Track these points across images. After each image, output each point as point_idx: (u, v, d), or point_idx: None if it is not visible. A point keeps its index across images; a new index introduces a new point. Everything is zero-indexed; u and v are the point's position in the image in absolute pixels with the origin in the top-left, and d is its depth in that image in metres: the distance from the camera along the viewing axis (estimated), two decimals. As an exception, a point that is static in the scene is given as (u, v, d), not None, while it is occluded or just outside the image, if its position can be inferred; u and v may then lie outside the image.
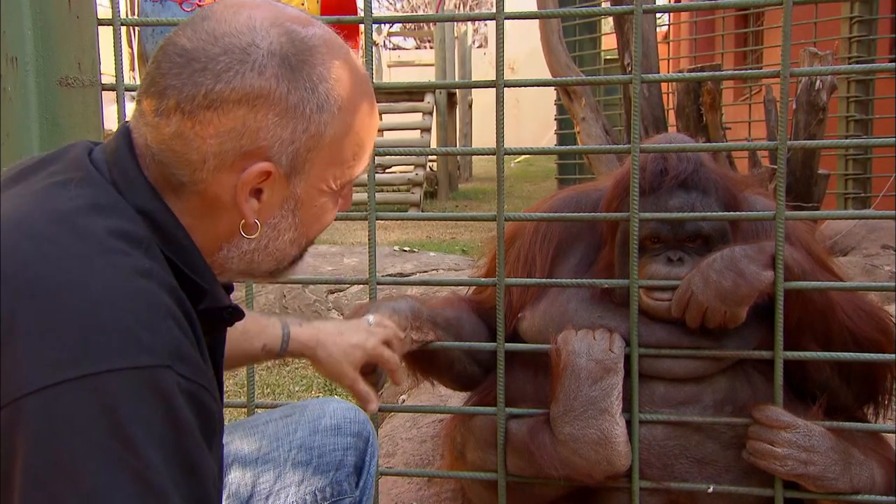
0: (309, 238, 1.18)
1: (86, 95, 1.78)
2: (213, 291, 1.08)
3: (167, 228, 1.04)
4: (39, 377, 0.85)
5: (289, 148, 1.05)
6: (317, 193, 1.12)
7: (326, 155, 1.08)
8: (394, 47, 22.98)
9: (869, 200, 6.09)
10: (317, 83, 1.05)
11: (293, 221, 1.12)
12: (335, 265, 4.98)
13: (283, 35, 1.04)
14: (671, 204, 1.78)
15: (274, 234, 1.12)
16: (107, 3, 1.88)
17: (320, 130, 1.06)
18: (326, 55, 1.07)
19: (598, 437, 1.69)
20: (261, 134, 1.02)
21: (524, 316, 1.92)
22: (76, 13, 1.75)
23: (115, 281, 0.92)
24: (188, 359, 0.94)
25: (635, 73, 1.78)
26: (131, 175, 1.05)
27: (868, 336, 1.78)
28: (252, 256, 1.12)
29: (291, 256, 1.17)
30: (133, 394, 0.87)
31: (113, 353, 0.87)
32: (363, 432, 1.59)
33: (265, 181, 1.06)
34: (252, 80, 1.01)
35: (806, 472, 1.68)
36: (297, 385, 3.82)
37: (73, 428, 0.84)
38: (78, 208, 0.98)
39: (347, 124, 1.09)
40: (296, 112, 1.04)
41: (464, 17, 1.99)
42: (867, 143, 1.98)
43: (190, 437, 0.92)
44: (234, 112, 1.01)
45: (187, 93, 1.01)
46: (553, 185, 9.10)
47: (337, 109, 1.07)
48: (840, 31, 6.17)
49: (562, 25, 5.10)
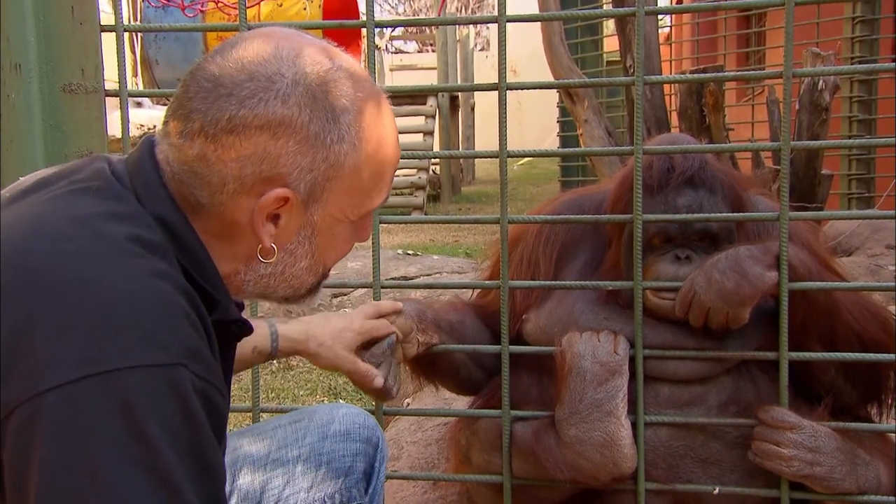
0: (326, 266, 1.19)
1: (89, 101, 1.78)
2: (225, 304, 1.10)
3: (184, 239, 1.05)
4: (59, 373, 0.86)
5: (307, 176, 1.06)
6: (334, 222, 1.13)
7: (345, 185, 1.10)
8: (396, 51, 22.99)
9: (872, 200, 6.08)
10: (339, 114, 1.06)
11: (309, 248, 1.13)
12: (339, 269, 4.98)
13: (309, 66, 1.06)
14: (679, 202, 1.78)
15: (290, 261, 1.13)
16: (110, 10, 1.89)
17: (340, 160, 1.07)
18: (351, 87, 1.08)
19: (604, 439, 1.69)
20: (281, 161, 1.04)
21: (528, 318, 1.92)
22: (79, 20, 1.75)
23: (132, 280, 0.94)
24: (202, 358, 0.96)
25: (638, 75, 1.78)
26: (153, 186, 1.07)
27: (873, 336, 1.78)
28: (268, 281, 1.14)
29: (308, 284, 1.19)
30: (150, 391, 0.88)
31: (131, 350, 0.89)
32: (372, 438, 1.60)
33: (283, 207, 1.07)
34: (275, 107, 1.03)
35: (812, 472, 1.68)
36: (302, 389, 3.82)
37: (92, 423, 0.85)
38: (97, 214, 1.00)
39: (368, 156, 1.10)
40: (316, 141, 1.05)
41: (466, 20, 2.00)
42: (870, 144, 1.98)
43: (204, 434, 0.93)
44: (255, 138, 1.03)
45: (212, 117, 1.03)
46: (556, 187, 9.10)
47: (358, 141, 1.08)
48: (842, 32, 6.17)
49: (564, 27, 5.10)
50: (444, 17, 2.79)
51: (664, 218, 1.78)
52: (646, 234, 1.77)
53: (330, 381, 3.89)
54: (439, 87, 2.02)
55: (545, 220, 1.93)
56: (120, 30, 1.83)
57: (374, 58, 1.89)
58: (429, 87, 2.02)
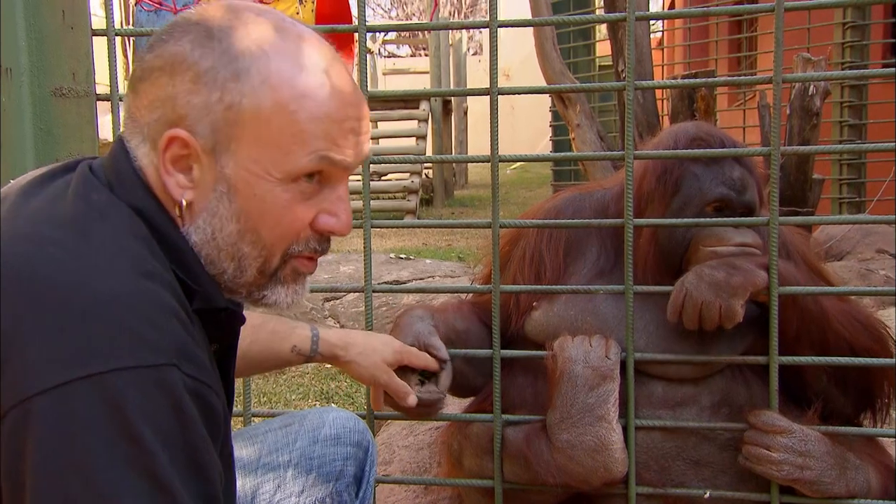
0: (264, 240, 1.07)
1: (80, 106, 1.78)
2: (207, 292, 1.06)
3: (159, 227, 1.03)
4: (48, 377, 0.85)
5: (205, 118, 1.01)
6: (253, 179, 1.03)
7: (253, 133, 1.02)
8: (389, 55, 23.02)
9: (864, 205, 6.11)
10: (236, 53, 1.01)
11: (231, 208, 1.04)
12: (331, 273, 4.98)
13: (227, 14, 1.04)
14: (734, 175, 1.81)
15: (216, 223, 1.05)
16: (101, 14, 1.88)
17: (237, 102, 1.01)
18: (263, 33, 1.03)
19: (596, 444, 1.69)
20: (178, 101, 1.01)
21: (539, 305, 1.91)
22: (70, 24, 1.75)
23: (119, 281, 0.92)
24: (193, 358, 0.94)
25: (629, 80, 1.79)
26: (124, 174, 1.05)
27: (863, 345, 1.79)
28: (209, 253, 1.06)
29: (252, 260, 1.07)
30: (140, 392, 0.87)
31: (120, 351, 0.87)
32: (363, 442, 1.60)
33: (189, 154, 1.03)
34: (172, 46, 1.02)
35: (802, 476, 1.69)
36: (294, 393, 3.81)
37: (82, 426, 0.85)
38: (79, 213, 0.99)
39: (277, 103, 1.02)
40: (207, 78, 1.00)
41: (458, 24, 2.00)
42: (860, 148, 1.99)
43: (197, 434, 0.92)
44: (158, 80, 1.02)
45: (134, 71, 1.04)
46: (549, 191, 9.11)
47: (260, 83, 1.01)
48: (833, 37, 6.20)
49: (556, 32, 5.12)
50: (436, 23, 2.79)
51: (654, 222, 1.79)
52: (701, 203, 1.80)
53: (322, 385, 3.89)
54: (431, 91, 2.02)
55: (536, 224, 1.93)
56: (111, 34, 1.83)
57: (366, 62, 1.89)
58: (421, 92, 2.02)
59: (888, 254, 4.39)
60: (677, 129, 1.91)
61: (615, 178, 2.05)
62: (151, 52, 1.03)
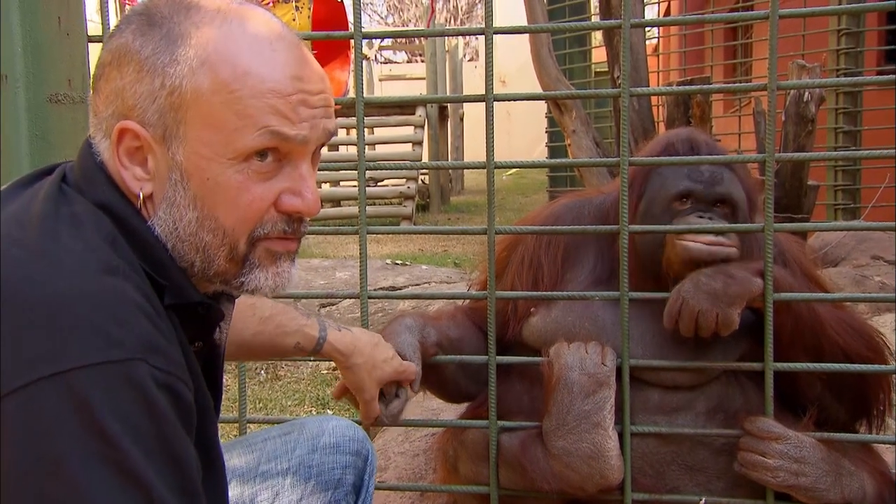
0: (223, 225, 1.04)
1: (76, 112, 1.78)
2: (178, 286, 1.04)
3: (126, 223, 1.02)
4: (13, 378, 0.85)
5: (151, 106, 1.01)
6: (204, 162, 1.02)
7: (197, 115, 1.01)
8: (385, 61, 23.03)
9: (859, 211, 6.13)
10: (176, 37, 1.01)
11: (187, 196, 1.03)
12: (327, 279, 4.98)
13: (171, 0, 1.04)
14: (704, 169, 1.80)
15: (175, 213, 1.04)
16: (97, 20, 1.89)
17: (178, 85, 1.00)
18: (202, 13, 1.03)
19: (592, 450, 1.69)
20: (126, 93, 1.02)
21: (534, 315, 1.92)
22: (66, 30, 1.75)
23: (81, 278, 0.92)
24: (162, 351, 0.93)
25: (624, 87, 1.79)
26: (89, 172, 1.05)
27: (858, 352, 1.79)
28: (174, 245, 1.05)
29: (216, 249, 1.05)
30: (107, 388, 0.87)
31: (84, 349, 0.87)
32: (362, 451, 1.59)
33: (141, 146, 1.03)
34: (117, 38, 1.03)
35: (797, 483, 1.69)
36: (290, 399, 3.81)
37: (51, 426, 0.84)
38: (43, 212, 0.98)
39: (219, 82, 1.00)
40: (148, 64, 1.00)
41: (454, 31, 2.01)
42: (855, 155, 1.99)
43: (170, 426, 0.91)
44: (109, 74, 1.03)
45: (95, 69, 1.04)
46: (545, 197, 9.12)
47: (199, 64, 1.00)
48: (828, 44, 6.22)
49: (552, 39, 5.12)
50: (431, 30, 2.79)
51: (650, 229, 1.80)
52: (667, 200, 1.80)
53: (318, 391, 3.88)
54: (427, 98, 2.02)
55: (532, 230, 1.93)
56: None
57: (362, 68, 1.89)
58: (417, 98, 2.03)
59: (883, 260, 4.40)
60: (666, 137, 1.92)
61: (614, 184, 2.06)
62: (104, 48, 1.04)
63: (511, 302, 1.92)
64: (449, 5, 25.61)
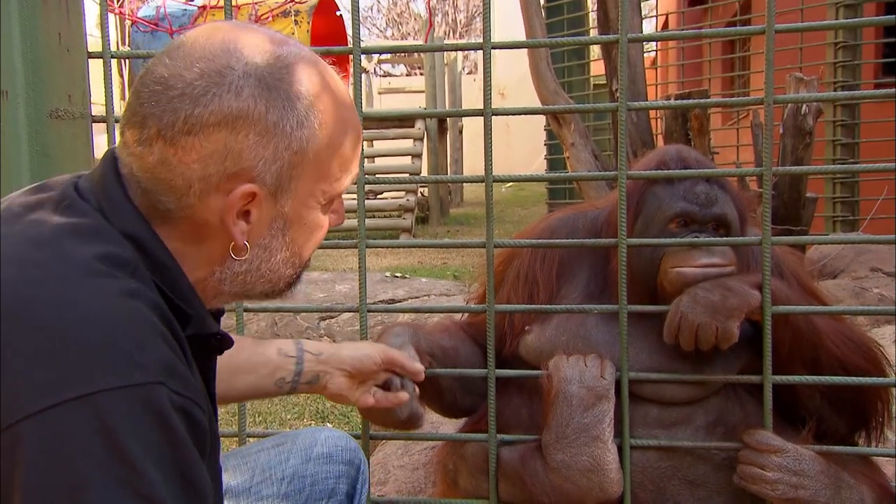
0: (302, 257, 1.17)
1: (76, 127, 1.79)
2: (200, 317, 1.07)
3: (153, 253, 1.04)
4: (35, 400, 0.85)
5: (272, 167, 1.05)
6: (305, 210, 1.12)
7: (311, 171, 1.09)
8: (384, 74, 23.10)
9: (857, 223, 6.14)
10: (295, 100, 1.05)
11: (283, 241, 1.12)
12: (327, 292, 4.98)
13: (259, 55, 1.05)
14: (698, 189, 1.81)
15: (266, 255, 1.12)
16: (97, 35, 1.90)
17: (302, 147, 1.06)
18: (303, 72, 1.07)
19: (591, 464, 1.69)
20: (244, 155, 1.03)
21: (529, 332, 1.92)
22: (66, 46, 1.76)
23: (102, 301, 0.92)
24: (179, 375, 0.94)
25: (622, 101, 1.80)
26: (117, 200, 1.05)
27: (856, 364, 1.79)
28: (245, 278, 1.12)
29: (286, 277, 1.17)
30: (129, 411, 0.87)
31: (106, 372, 0.87)
32: (354, 460, 1.60)
33: (252, 202, 1.06)
34: (230, 101, 1.02)
35: (796, 496, 1.68)
36: (289, 413, 3.80)
37: (72, 449, 0.84)
38: (63, 234, 0.99)
39: (330, 139, 1.09)
40: (276, 130, 1.04)
41: (452, 46, 2.01)
42: (853, 168, 2.00)
43: (187, 451, 0.92)
44: (214, 135, 1.02)
45: (167, 120, 1.02)
46: (544, 209, 9.14)
47: (318, 125, 1.07)
48: (825, 57, 6.25)
49: (550, 52, 5.15)
50: (430, 45, 2.80)
51: (647, 242, 1.80)
52: (663, 221, 1.80)
53: (317, 404, 3.88)
54: (426, 112, 2.03)
55: (531, 244, 1.93)
56: (107, 56, 1.84)
57: (361, 82, 1.90)
58: (416, 112, 2.03)
59: (882, 272, 4.41)
60: (657, 155, 1.93)
61: (608, 198, 2.06)
62: (199, 106, 1.01)
63: (507, 318, 1.92)
64: (448, 19, 25.72)
